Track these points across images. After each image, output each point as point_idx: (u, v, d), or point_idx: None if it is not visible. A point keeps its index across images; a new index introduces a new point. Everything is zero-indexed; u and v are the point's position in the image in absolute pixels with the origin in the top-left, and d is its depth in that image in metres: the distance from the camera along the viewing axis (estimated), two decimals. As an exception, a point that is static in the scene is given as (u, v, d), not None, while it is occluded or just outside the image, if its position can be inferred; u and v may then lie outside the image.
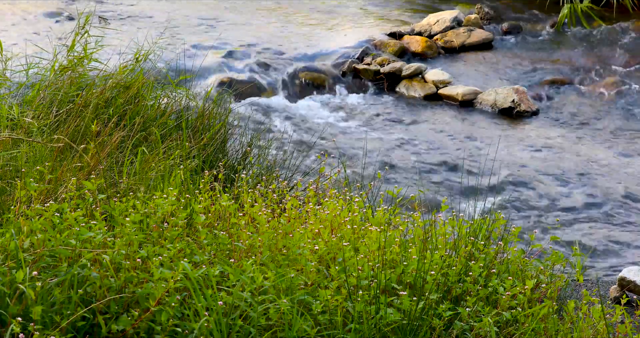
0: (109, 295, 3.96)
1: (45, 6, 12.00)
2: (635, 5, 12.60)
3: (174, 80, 7.27)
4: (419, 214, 5.05)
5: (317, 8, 12.80)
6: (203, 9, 12.49)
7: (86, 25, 7.03)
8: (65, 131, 5.85)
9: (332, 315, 4.11)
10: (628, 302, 5.98)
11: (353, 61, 10.83)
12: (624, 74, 11.08)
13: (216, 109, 6.90)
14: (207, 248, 4.39)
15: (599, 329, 4.42)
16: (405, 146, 9.12)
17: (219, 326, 3.91)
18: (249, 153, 6.52)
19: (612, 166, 8.84)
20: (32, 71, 7.00)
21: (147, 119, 6.46)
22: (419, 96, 10.43)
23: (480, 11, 12.47)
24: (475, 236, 4.88)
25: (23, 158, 5.27)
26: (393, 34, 11.68)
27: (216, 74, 10.20)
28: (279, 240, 4.58)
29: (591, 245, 7.31)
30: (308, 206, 5.10)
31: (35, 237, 4.06)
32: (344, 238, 4.64)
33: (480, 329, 4.24)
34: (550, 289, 4.66)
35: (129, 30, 10.97)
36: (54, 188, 4.91)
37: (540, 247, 5.18)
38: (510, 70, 11.22)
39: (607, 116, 10.13)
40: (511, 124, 9.83)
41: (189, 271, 3.97)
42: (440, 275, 4.37)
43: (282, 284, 4.17)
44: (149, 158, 5.60)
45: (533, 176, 8.52)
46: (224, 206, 4.76)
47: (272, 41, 11.30)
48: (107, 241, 4.18)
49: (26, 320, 3.79)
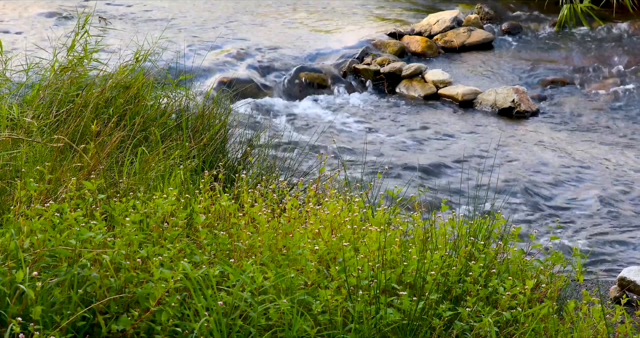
0: (109, 295, 3.96)
1: (45, 6, 12.00)
2: (635, 5, 12.60)
3: (174, 80, 7.27)
4: (419, 214, 5.05)
5: (317, 8, 12.80)
6: (203, 9, 12.49)
7: (86, 25, 7.03)
8: (65, 131, 5.85)
9: (332, 315, 4.11)
10: (628, 302, 5.98)
11: (353, 61, 10.83)
12: (623, 74, 11.08)
13: (216, 109, 6.89)
14: (207, 248, 4.39)
15: (599, 329, 4.42)
16: (405, 146, 9.12)
17: (219, 326, 3.91)
18: (249, 153, 6.52)
19: (612, 165, 8.83)
20: (32, 71, 7.00)
21: (147, 119, 6.45)
22: (419, 96, 10.43)
23: (480, 11, 12.48)
24: (475, 236, 4.88)
25: (23, 158, 5.27)
26: (393, 34, 11.68)
27: (216, 74, 10.21)
28: (279, 240, 4.58)
29: (591, 245, 7.31)
30: (308, 206, 5.10)
31: (35, 237, 4.06)
32: (344, 238, 4.64)
33: (480, 329, 4.24)
34: (550, 289, 4.66)
35: (129, 30, 10.97)
36: (54, 188, 4.91)
37: (540, 247, 5.18)
38: (510, 70, 11.22)
39: (607, 115, 10.13)
40: (511, 124, 9.83)
41: (189, 271, 3.97)
42: (440, 275, 4.37)
43: (282, 284, 4.17)
44: (149, 158, 5.60)
45: (533, 176, 8.52)
46: (224, 206, 4.76)
47: (272, 41, 11.31)
48: (107, 241, 4.18)
49: (26, 320, 3.79)
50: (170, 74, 7.43)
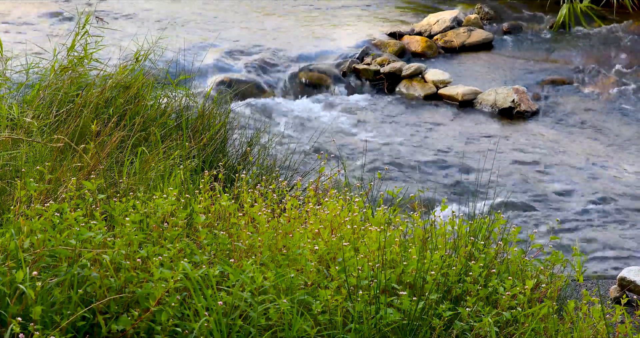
0: (109, 295, 3.96)
1: (45, 6, 12.00)
2: (635, 5, 12.60)
3: (174, 80, 7.27)
4: (418, 214, 5.05)
5: (317, 8, 12.80)
6: (203, 9, 12.49)
7: (86, 25, 7.03)
8: (65, 131, 5.85)
9: (332, 315, 4.11)
10: (628, 302, 5.98)
11: (353, 61, 10.83)
12: (623, 74, 11.08)
13: (216, 109, 6.90)
14: (207, 248, 4.39)
15: (599, 329, 4.42)
16: (405, 146, 9.12)
17: (219, 326, 3.91)
18: (249, 153, 6.52)
19: (612, 165, 8.84)
20: (32, 71, 7.00)
21: (147, 119, 6.45)
22: (419, 96, 10.43)
23: (480, 11, 12.47)
24: (475, 236, 4.88)
25: (23, 158, 5.27)
26: (393, 34, 11.68)
27: (216, 74, 10.21)
28: (279, 240, 4.58)
29: (591, 245, 7.31)
30: (308, 206, 5.10)
31: (35, 237, 4.06)
32: (344, 238, 4.64)
33: (480, 329, 4.24)
34: (550, 289, 4.66)
35: (129, 30, 10.97)
36: (54, 188, 4.91)
37: (540, 247, 5.18)
38: (510, 70, 11.22)
39: (607, 116, 10.13)
40: (511, 124, 9.83)
41: (189, 271, 3.97)
42: (440, 275, 4.37)
43: (282, 284, 4.17)
44: (149, 158, 5.60)
45: (533, 176, 8.52)
46: (224, 206, 4.75)
47: (272, 41, 11.31)
48: (107, 241, 4.18)
49: (26, 320, 3.79)
50: (170, 74, 7.43)
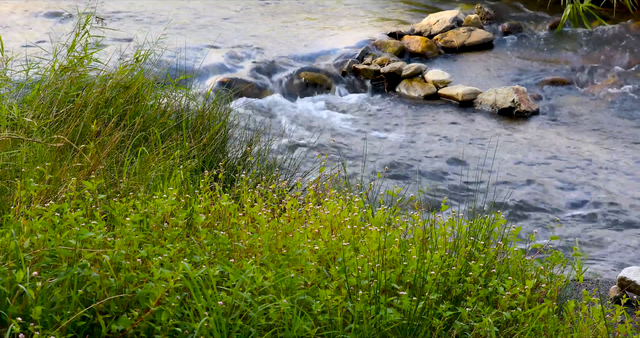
0: (109, 295, 3.96)
1: (45, 6, 12.00)
2: (635, 5, 12.60)
3: (174, 80, 7.27)
4: (418, 214, 5.05)
5: (317, 8, 12.80)
6: (203, 9, 12.49)
7: (86, 25, 7.03)
8: (65, 131, 5.85)
9: (332, 315, 4.11)
10: (628, 301, 5.98)
11: (353, 61, 10.83)
12: (624, 74, 11.08)
13: (216, 109, 6.90)
14: (207, 248, 4.39)
15: (599, 329, 4.42)
16: (405, 146, 9.12)
17: (219, 326, 3.91)
18: (249, 153, 6.52)
19: (612, 165, 8.84)
20: (32, 71, 7.00)
21: (147, 119, 6.45)
22: (419, 96, 10.43)
23: (480, 11, 12.47)
24: (475, 236, 4.88)
25: (23, 158, 5.27)
26: (393, 34, 11.68)
27: (216, 74, 10.21)
28: (279, 240, 4.58)
29: (591, 245, 7.31)
30: (308, 206, 5.10)
31: (35, 237, 4.06)
32: (344, 238, 4.64)
33: (480, 329, 4.24)
34: (550, 289, 4.66)
35: (129, 30, 10.97)
36: (54, 188, 4.91)
37: (540, 247, 5.18)
38: (510, 70, 11.22)
39: (607, 116, 10.13)
40: (511, 124, 9.83)
41: (189, 271, 3.97)
42: (440, 275, 4.37)
43: (282, 284, 4.17)
44: (149, 158, 5.60)
45: (533, 176, 8.52)
46: (224, 206, 4.76)
47: (272, 41, 11.31)
48: (107, 241, 4.18)
49: (26, 320, 3.79)
50: (170, 74, 7.43)
